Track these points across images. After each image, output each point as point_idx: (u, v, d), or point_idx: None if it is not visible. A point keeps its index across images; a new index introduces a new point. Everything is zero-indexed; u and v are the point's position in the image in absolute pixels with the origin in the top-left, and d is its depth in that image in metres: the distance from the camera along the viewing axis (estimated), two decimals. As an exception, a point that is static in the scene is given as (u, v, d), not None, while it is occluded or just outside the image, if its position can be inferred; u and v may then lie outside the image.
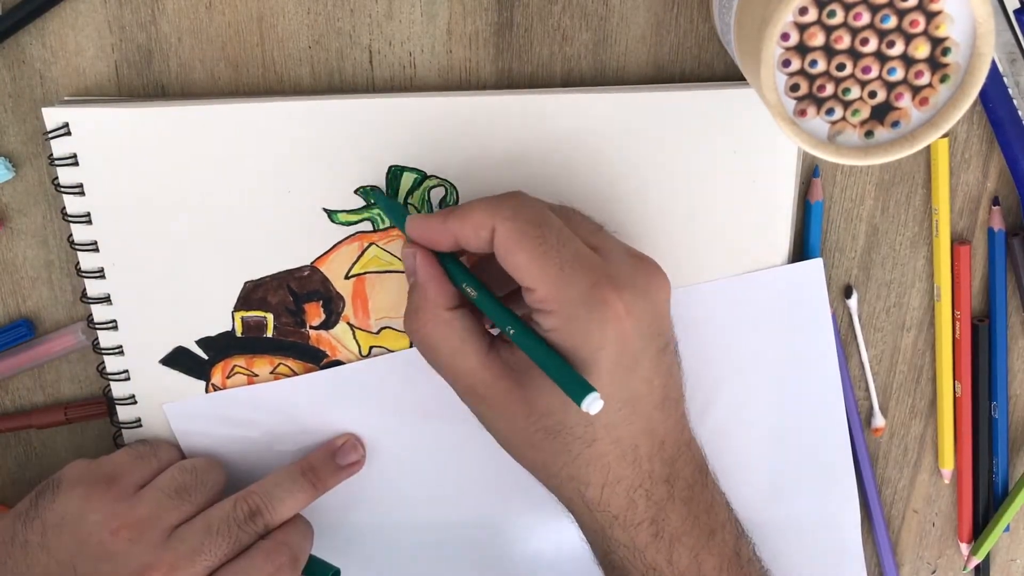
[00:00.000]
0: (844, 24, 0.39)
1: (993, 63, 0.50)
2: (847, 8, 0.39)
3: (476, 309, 0.47)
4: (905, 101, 0.41)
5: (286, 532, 0.52)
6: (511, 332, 0.45)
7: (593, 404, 0.41)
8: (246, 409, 0.55)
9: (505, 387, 0.46)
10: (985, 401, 0.58)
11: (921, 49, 0.40)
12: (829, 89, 0.41)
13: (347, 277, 0.53)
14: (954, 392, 0.58)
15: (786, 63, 0.40)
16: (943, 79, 0.40)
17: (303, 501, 0.53)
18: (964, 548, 0.61)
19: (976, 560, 0.60)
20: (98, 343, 0.53)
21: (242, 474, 0.55)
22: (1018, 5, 0.49)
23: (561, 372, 0.42)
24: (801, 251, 0.54)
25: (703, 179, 0.52)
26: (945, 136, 0.52)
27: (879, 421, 0.58)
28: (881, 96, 0.41)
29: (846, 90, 0.41)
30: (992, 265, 0.55)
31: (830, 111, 0.41)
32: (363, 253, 0.52)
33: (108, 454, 0.53)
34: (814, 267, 0.54)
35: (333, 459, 0.55)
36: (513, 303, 0.47)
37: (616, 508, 0.46)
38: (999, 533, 0.59)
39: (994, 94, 0.51)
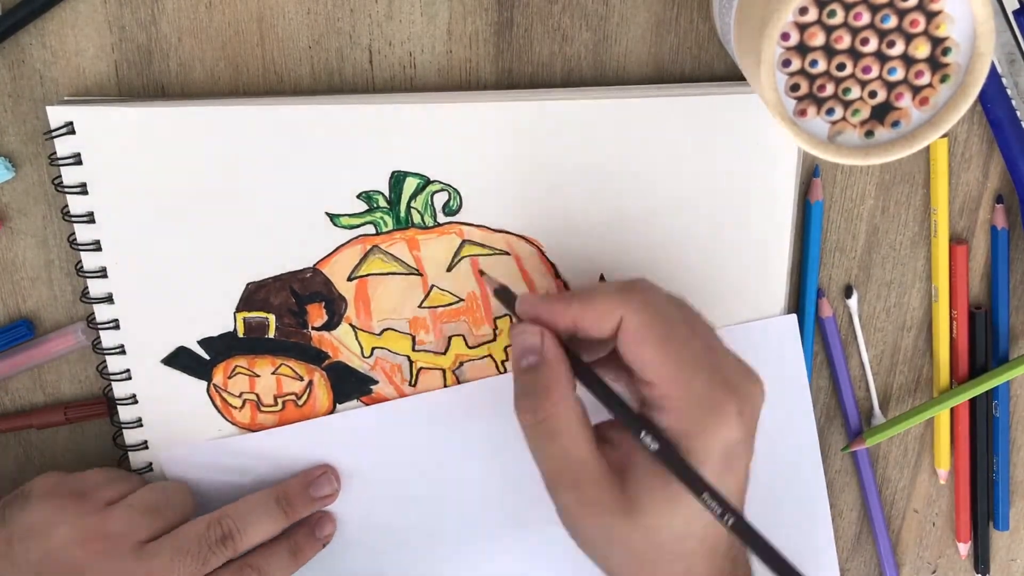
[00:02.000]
0: (844, 24, 0.39)
1: (992, 64, 0.50)
2: (847, 8, 0.39)
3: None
4: (905, 101, 0.41)
5: (256, 556, 0.53)
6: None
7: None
8: (241, 457, 0.56)
9: (612, 484, 0.45)
10: (983, 401, 0.58)
11: (921, 49, 0.40)
12: (829, 89, 0.41)
13: (350, 279, 0.53)
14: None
15: (786, 63, 0.40)
16: (943, 79, 0.40)
17: (274, 528, 0.53)
18: (963, 548, 0.61)
19: (865, 443, 0.59)
20: (99, 343, 0.53)
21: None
22: (1017, 6, 0.49)
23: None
24: (801, 251, 0.55)
25: (703, 179, 0.52)
26: (945, 136, 0.52)
27: (879, 421, 0.59)
28: (881, 96, 0.41)
29: (846, 90, 0.41)
30: (995, 263, 0.55)
31: (830, 111, 0.41)
32: (366, 256, 0.52)
33: (112, 456, 0.53)
34: (788, 323, 0.54)
35: (307, 490, 0.55)
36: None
37: None
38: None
39: (993, 95, 0.51)
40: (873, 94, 0.41)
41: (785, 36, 0.40)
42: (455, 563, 0.59)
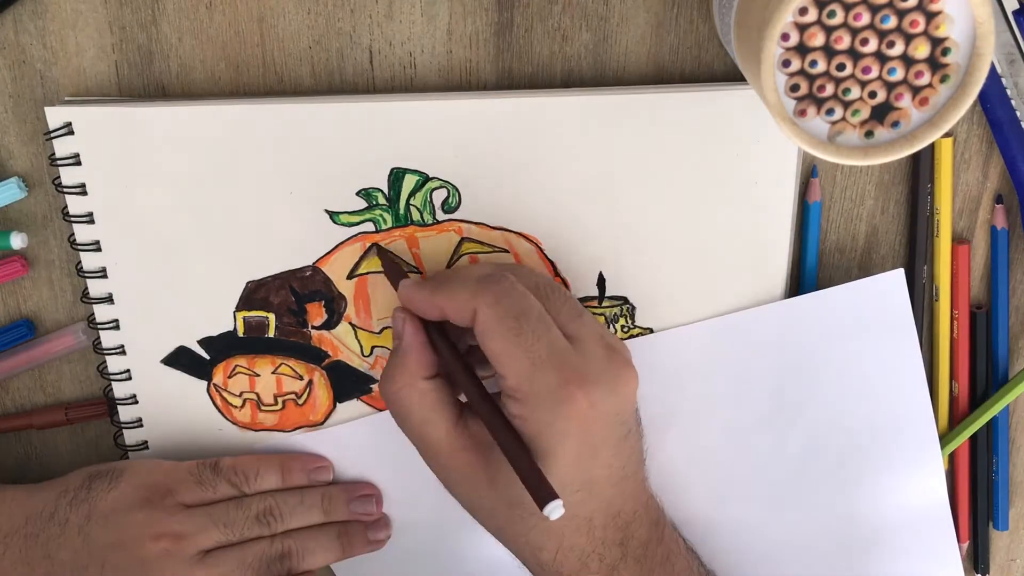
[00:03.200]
0: (844, 24, 0.39)
1: (992, 64, 0.50)
2: (847, 8, 0.39)
3: (451, 379, 0.49)
4: (905, 101, 0.41)
5: (298, 540, 0.54)
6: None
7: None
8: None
9: (469, 459, 0.48)
10: (983, 401, 0.58)
11: (921, 49, 0.40)
12: (829, 89, 0.41)
13: (349, 277, 0.53)
14: (951, 391, 0.58)
15: (786, 63, 0.40)
16: (943, 79, 0.40)
17: (330, 560, 0.56)
18: (961, 548, 0.61)
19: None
20: (99, 343, 0.53)
21: None
22: (1017, 6, 0.49)
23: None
24: (801, 251, 0.55)
25: (703, 179, 0.52)
26: (949, 136, 0.52)
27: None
28: (881, 96, 0.41)
29: (846, 90, 0.41)
30: (995, 263, 0.55)
31: (830, 111, 0.41)
32: (365, 254, 0.52)
33: (171, 461, 0.54)
34: (896, 278, 0.54)
35: (366, 532, 0.57)
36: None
37: (569, 570, 0.48)
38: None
39: (993, 95, 0.51)
40: (873, 94, 0.41)
41: (785, 36, 0.40)
42: (460, 561, 0.59)
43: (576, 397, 0.45)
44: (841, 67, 0.40)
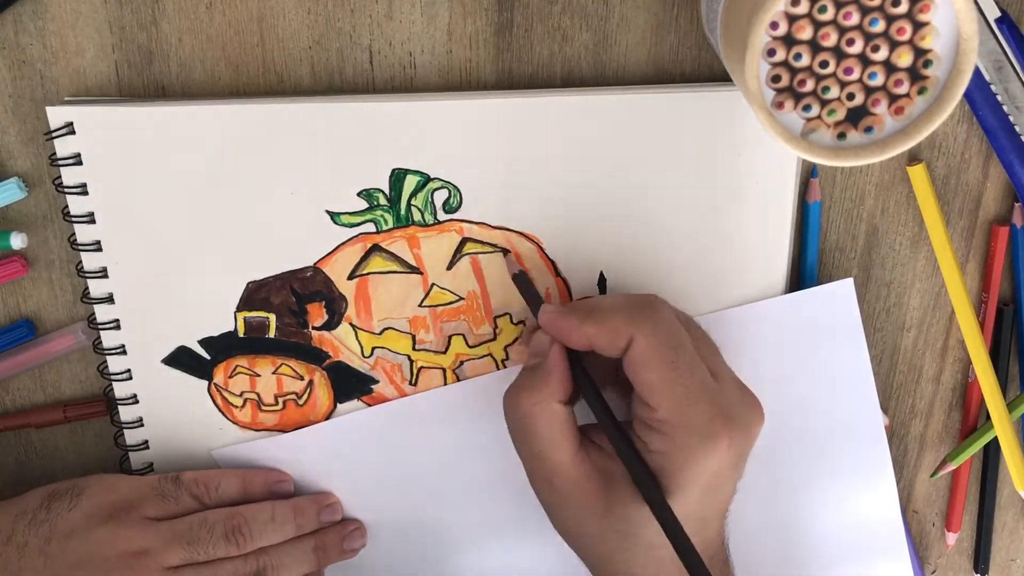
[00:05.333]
0: (833, 22, 0.40)
1: (980, 72, 0.50)
2: (839, 6, 0.39)
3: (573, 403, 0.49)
4: (881, 108, 0.41)
5: (275, 555, 0.53)
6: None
7: None
8: (289, 451, 0.56)
9: (587, 487, 0.47)
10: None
11: (904, 58, 0.40)
12: (809, 85, 0.41)
13: (350, 278, 0.53)
14: (967, 377, 0.58)
15: (771, 52, 0.40)
16: (921, 91, 0.41)
17: (305, 572, 0.54)
18: (950, 537, 0.62)
19: (951, 466, 0.59)
20: (99, 343, 0.53)
21: None
22: (999, 13, 0.49)
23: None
24: (801, 251, 0.55)
25: (703, 179, 0.52)
26: (921, 162, 0.53)
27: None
28: (859, 99, 0.41)
29: (826, 88, 0.41)
30: (1016, 261, 0.55)
31: (807, 107, 0.41)
32: (366, 255, 0.52)
33: (129, 475, 0.54)
34: (845, 287, 0.54)
35: (342, 543, 0.56)
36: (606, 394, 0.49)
37: None
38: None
39: (984, 102, 0.51)
40: (851, 96, 0.41)
41: (774, 25, 0.40)
42: (461, 559, 0.59)
43: (721, 435, 0.45)
44: (824, 64, 0.40)
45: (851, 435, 0.57)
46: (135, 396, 0.55)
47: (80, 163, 0.50)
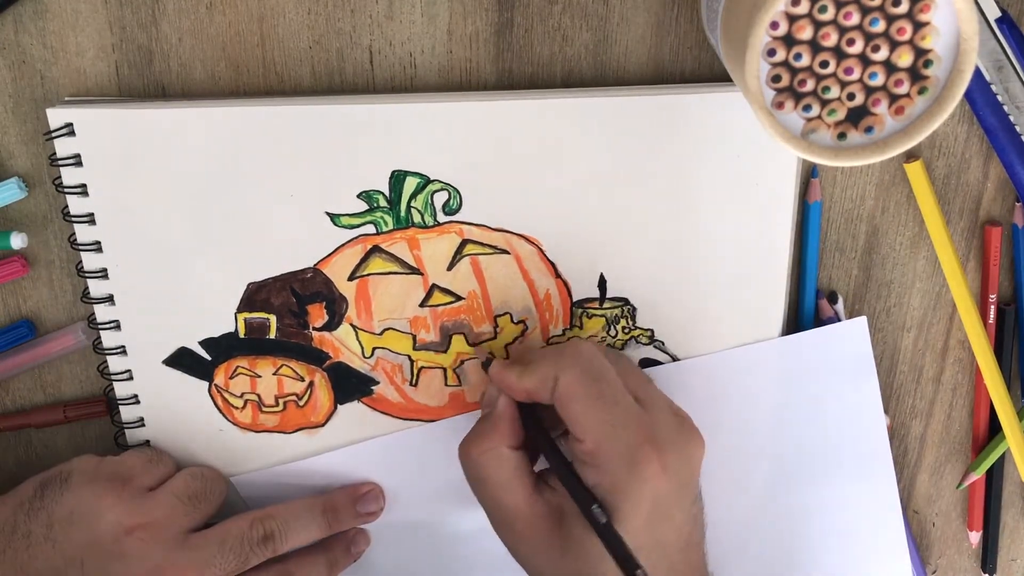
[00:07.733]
0: (833, 21, 0.40)
1: (981, 72, 0.50)
2: (839, 6, 0.39)
3: (530, 451, 0.51)
4: (881, 108, 0.41)
5: (294, 562, 0.54)
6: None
7: None
8: (311, 479, 0.56)
9: (544, 527, 0.49)
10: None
11: (904, 58, 0.40)
12: (809, 85, 0.41)
13: (350, 279, 0.53)
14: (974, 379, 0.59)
15: (771, 52, 0.40)
16: (921, 91, 0.41)
17: (315, 536, 0.55)
18: (972, 536, 0.62)
19: (974, 476, 0.60)
20: (99, 343, 0.53)
21: None
22: (999, 13, 0.49)
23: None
24: (801, 251, 0.55)
25: (703, 180, 0.52)
26: (917, 159, 0.53)
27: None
28: (859, 99, 0.41)
29: (826, 88, 0.41)
30: (1017, 261, 0.55)
31: (807, 107, 0.41)
32: (366, 256, 0.52)
33: (114, 454, 0.53)
34: (858, 325, 0.55)
35: (354, 505, 0.56)
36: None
37: None
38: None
39: (984, 102, 0.51)
40: (851, 96, 0.41)
41: (774, 25, 0.40)
42: (461, 558, 0.59)
43: (651, 458, 0.46)
44: (824, 64, 0.40)
45: (852, 436, 0.57)
46: (136, 396, 0.55)
47: (80, 163, 0.50)
